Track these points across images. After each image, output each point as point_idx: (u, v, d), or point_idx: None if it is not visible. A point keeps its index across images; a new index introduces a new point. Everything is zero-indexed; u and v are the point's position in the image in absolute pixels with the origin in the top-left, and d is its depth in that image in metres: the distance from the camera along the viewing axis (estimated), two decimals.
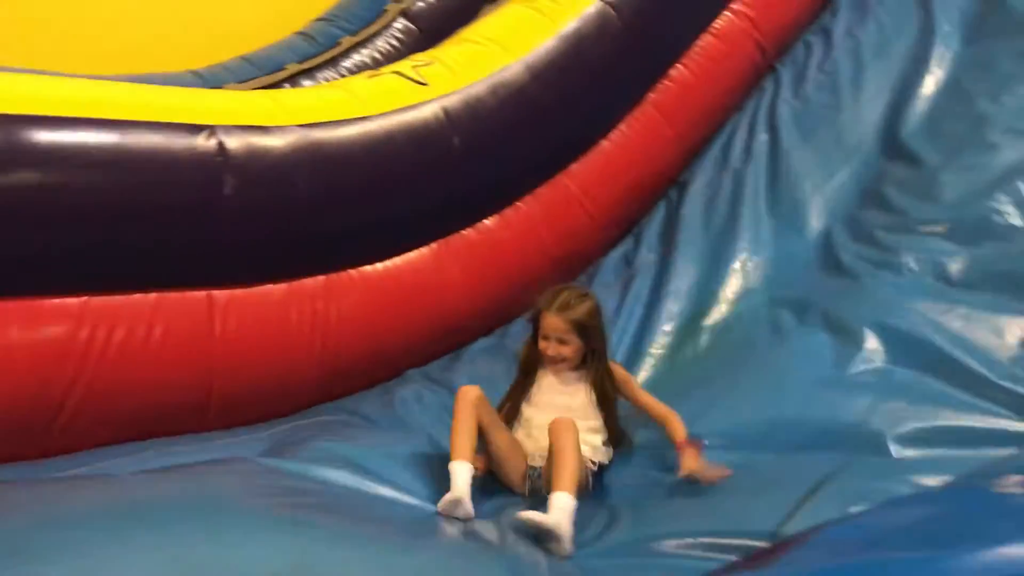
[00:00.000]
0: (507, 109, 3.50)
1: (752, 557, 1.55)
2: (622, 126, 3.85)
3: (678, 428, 2.74)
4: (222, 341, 2.89)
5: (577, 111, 3.68)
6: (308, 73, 4.15)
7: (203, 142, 2.81)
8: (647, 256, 3.69)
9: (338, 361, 3.17)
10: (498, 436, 2.74)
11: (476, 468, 2.62)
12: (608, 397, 2.84)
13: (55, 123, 2.60)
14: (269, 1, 4.59)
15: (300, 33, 4.43)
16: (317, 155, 3.05)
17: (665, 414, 2.80)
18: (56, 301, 2.61)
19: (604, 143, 3.80)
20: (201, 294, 2.87)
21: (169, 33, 4.30)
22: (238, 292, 2.94)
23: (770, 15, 4.23)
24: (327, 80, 4.19)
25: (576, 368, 2.87)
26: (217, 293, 2.90)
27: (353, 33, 4.37)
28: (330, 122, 3.13)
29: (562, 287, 2.92)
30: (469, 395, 2.69)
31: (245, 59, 4.19)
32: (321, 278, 3.13)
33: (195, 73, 4.00)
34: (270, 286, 3.03)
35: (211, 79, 3.94)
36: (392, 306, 3.29)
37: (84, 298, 2.65)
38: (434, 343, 3.42)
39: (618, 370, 2.94)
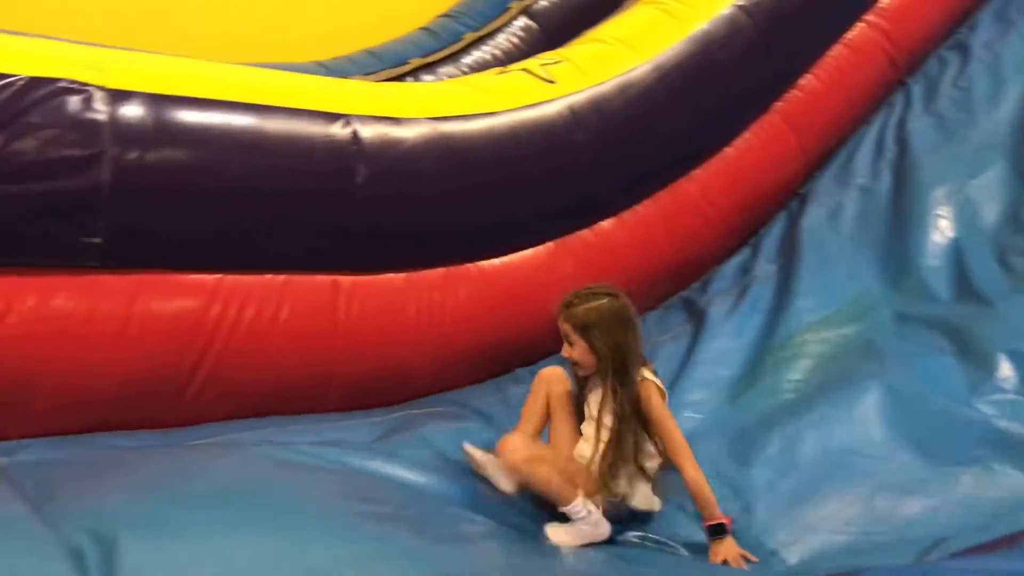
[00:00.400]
0: (633, 110, 3.48)
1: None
2: (747, 133, 3.79)
3: (709, 500, 2.39)
4: (344, 325, 2.93)
5: (703, 116, 3.63)
6: (429, 68, 4.18)
7: (339, 130, 2.86)
8: (766, 266, 3.61)
9: (451, 353, 3.18)
10: (558, 423, 2.64)
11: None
12: (623, 416, 2.49)
13: (202, 104, 2.67)
14: None
15: (424, 28, 4.48)
16: (445, 148, 3.07)
17: (694, 479, 2.41)
18: (193, 277, 2.68)
19: (728, 150, 3.74)
20: (327, 278, 2.91)
21: (298, 25, 4.39)
22: (362, 279, 2.98)
23: (905, 28, 4.10)
24: (447, 75, 4.22)
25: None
26: (342, 278, 2.94)
27: (475, 30, 4.40)
28: (459, 116, 3.15)
29: (588, 286, 2.64)
30: (545, 373, 2.66)
31: (370, 52, 4.25)
32: (441, 270, 3.15)
33: (321, 64, 4.08)
34: (392, 275, 3.06)
35: (336, 71, 4.00)
36: (506, 302, 3.29)
37: (219, 276, 2.72)
38: (545, 342, 3.40)
39: (647, 390, 2.50)
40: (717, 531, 2.37)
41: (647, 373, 2.55)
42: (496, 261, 3.27)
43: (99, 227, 2.49)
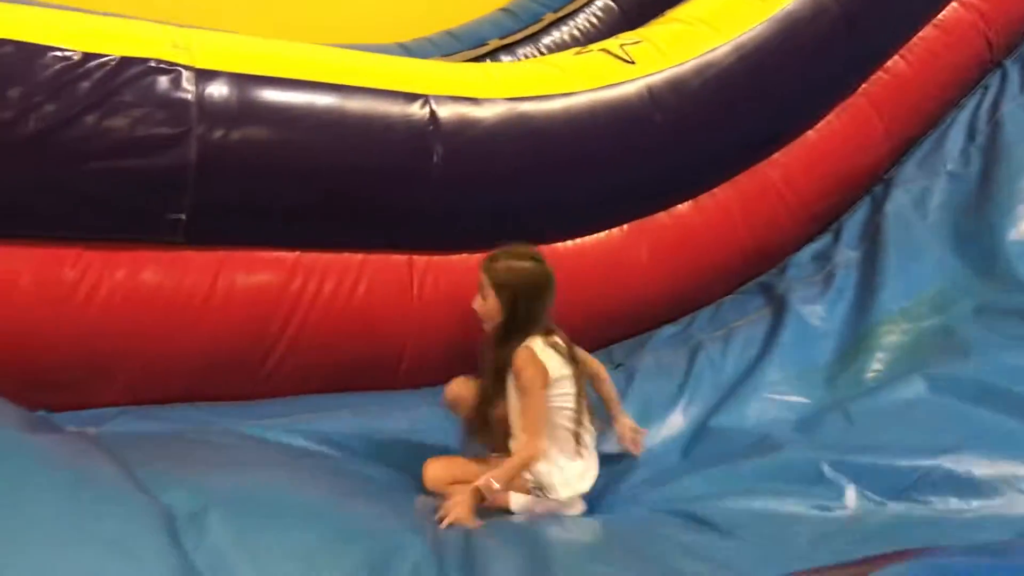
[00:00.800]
0: (712, 91, 3.42)
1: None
2: (830, 116, 3.70)
3: (508, 472, 2.41)
4: (418, 304, 2.97)
5: (785, 98, 3.55)
6: (508, 48, 4.18)
7: (417, 110, 2.88)
8: (848, 253, 3.53)
9: None
10: None
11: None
12: (491, 375, 2.52)
13: (284, 84, 2.72)
14: None
15: (503, 9, 4.48)
16: (522, 128, 3.07)
17: (522, 450, 2.45)
18: (274, 253, 2.75)
19: (810, 133, 3.66)
20: (403, 257, 2.95)
21: (380, 7, 4.43)
22: (436, 258, 3.02)
23: (1003, 7, 3.95)
24: (526, 56, 4.21)
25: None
26: (417, 257, 2.98)
27: (555, 10, 4.38)
28: (537, 96, 3.14)
29: (517, 246, 2.64)
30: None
31: (450, 33, 4.27)
32: None
33: (402, 46, 4.11)
34: (466, 255, 3.08)
35: (418, 52, 4.03)
36: (579, 284, 3.27)
37: (298, 252, 2.78)
38: (617, 326, 3.39)
39: (522, 358, 2.48)
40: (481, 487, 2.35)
41: (537, 343, 2.52)
42: (569, 243, 3.26)
43: (185, 203, 2.57)
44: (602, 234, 3.33)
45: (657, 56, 3.40)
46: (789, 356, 3.16)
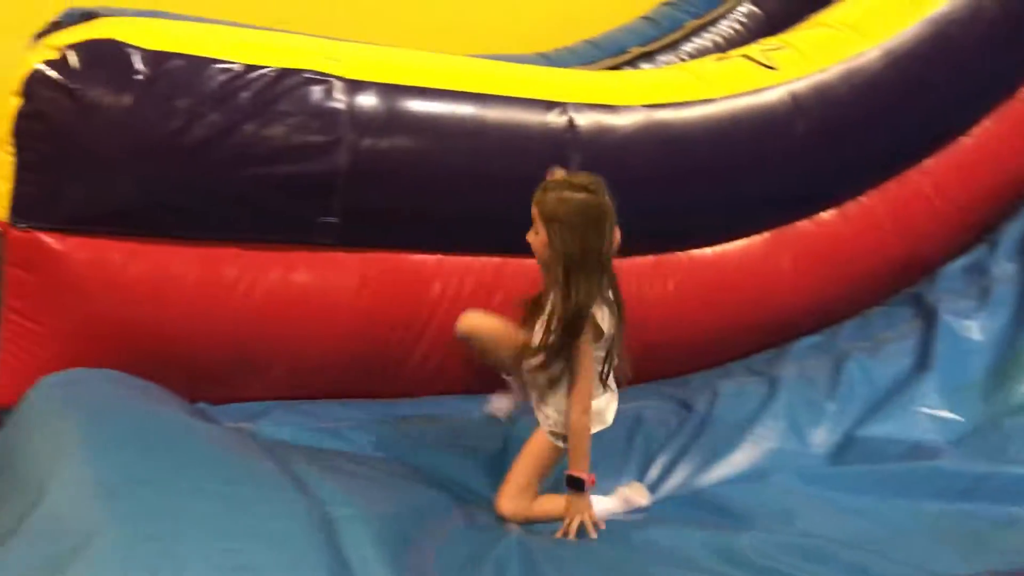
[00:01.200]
0: (859, 97, 3.33)
1: None
2: (987, 121, 3.54)
3: (580, 449, 2.33)
4: None
5: (937, 103, 3.42)
6: (649, 56, 4.19)
7: (555, 118, 2.93)
8: (1006, 266, 3.36)
9: (658, 342, 3.17)
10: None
11: None
12: (558, 328, 2.30)
13: (428, 94, 2.82)
14: None
15: (645, 17, 4.49)
16: (661, 135, 3.07)
17: (577, 422, 2.33)
18: (417, 256, 2.84)
19: (965, 139, 3.51)
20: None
21: (520, 17, 4.51)
22: None
23: None
24: (667, 63, 4.21)
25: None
26: None
27: (697, 17, 4.35)
28: (675, 103, 3.14)
29: (575, 175, 2.42)
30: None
31: (590, 42, 4.31)
32: (651, 258, 3.16)
33: (542, 55, 4.18)
34: None
35: (557, 61, 4.09)
36: (718, 293, 3.25)
37: (439, 256, 2.86)
38: (758, 336, 3.34)
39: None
40: (574, 484, 2.32)
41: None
42: (708, 251, 3.24)
43: (335, 208, 2.69)
44: (743, 242, 3.29)
45: (801, 62, 3.33)
46: (941, 371, 3.03)
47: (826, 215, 3.40)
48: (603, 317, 2.36)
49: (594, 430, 2.40)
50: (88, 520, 1.45)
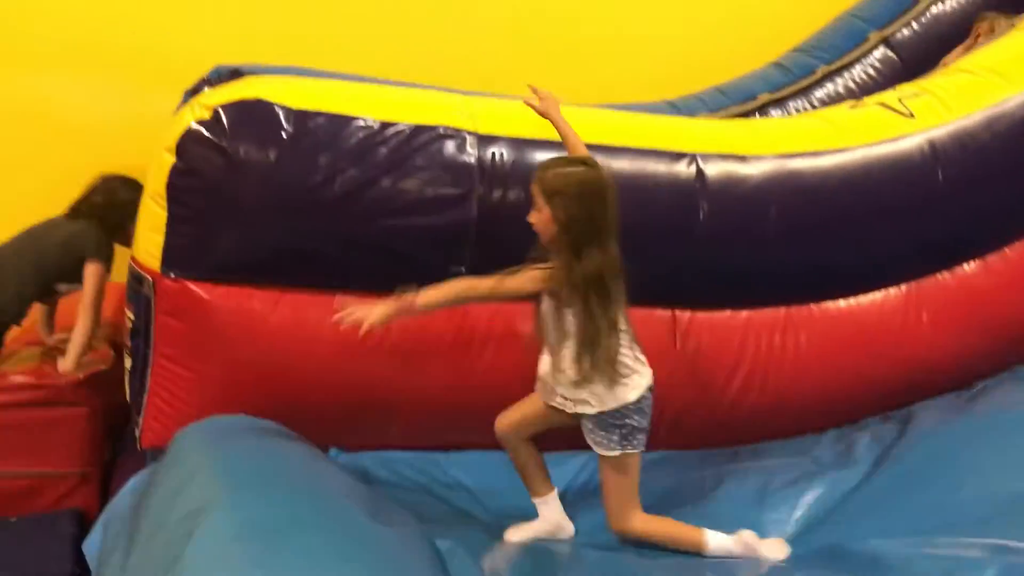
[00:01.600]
0: (1004, 145, 3.20)
1: None
2: None
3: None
4: (680, 359, 2.97)
5: None
6: (780, 103, 4.13)
7: (683, 168, 2.92)
8: None
9: (790, 396, 3.10)
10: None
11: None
12: (583, 295, 2.30)
13: (556, 146, 2.84)
14: (745, 32, 4.64)
15: (774, 63, 4.43)
16: (792, 185, 3.02)
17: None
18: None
19: None
20: (666, 312, 2.98)
21: (647, 65, 4.53)
22: (700, 314, 3.02)
23: None
24: (798, 110, 4.14)
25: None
26: (681, 313, 2.99)
27: (829, 63, 4.27)
28: (807, 152, 3.08)
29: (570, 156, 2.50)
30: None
31: (718, 89, 4.28)
32: (782, 309, 3.10)
33: (670, 103, 4.18)
34: (731, 312, 3.06)
35: (685, 108, 4.08)
36: (852, 347, 3.14)
37: None
38: (895, 391, 3.21)
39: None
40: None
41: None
42: (842, 303, 3.15)
43: (466, 257, 2.75)
44: (879, 294, 3.18)
45: (939, 109, 3.23)
46: None
47: (968, 267, 3.26)
48: (615, 289, 2.37)
49: (637, 395, 2.44)
50: (236, 568, 1.51)
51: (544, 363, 2.48)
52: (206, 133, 2.55)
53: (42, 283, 3.05)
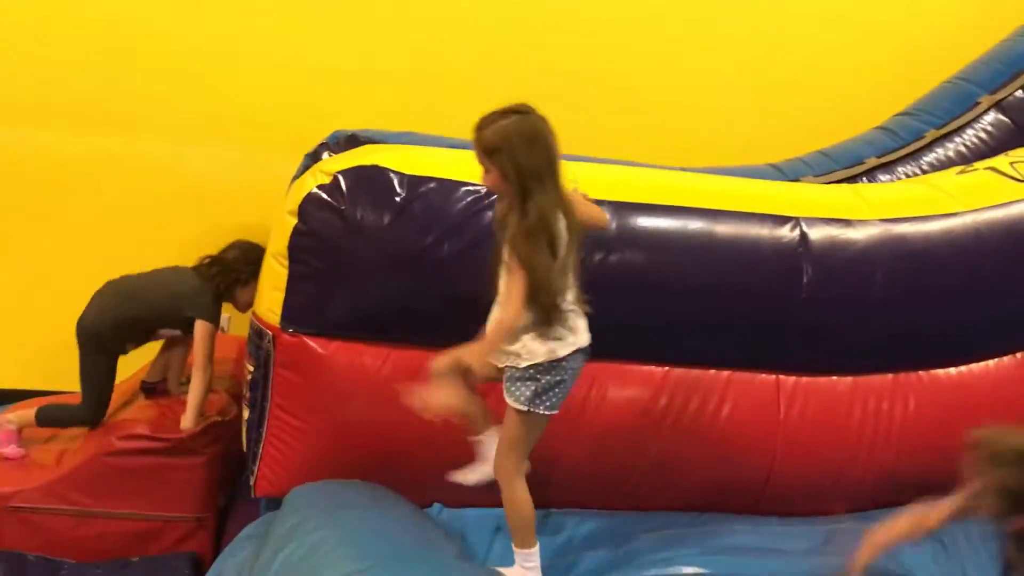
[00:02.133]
0: None
1: None
2: None
3: (491, 341, 2.33)
4: (784, 426, 2.96)
5: None
6: (887, 167, 4.07)
7: (787, 232, 2.93)
8: None
9: (896, 466, 3.04)
10: None
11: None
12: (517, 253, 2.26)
13: (657, 210, 2.91)
14: (849, 96, 4.62)
15: (881, 127, 4.39)
16: (899, 250, 3.00)
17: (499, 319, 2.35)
18: (644, 367, 2.90)
19: None
20: (770, 377, 2.97)
21: (751, 129, 4.55)
22: (805, 379, 3.00)
23: None
24: (906, 175, 4.08)
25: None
26: (785, 378, 2.98)
27: (938, 127, 4.21)
28: (915, 217, 3.06)
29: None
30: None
31: (823, 153, 4.25)
32: (889, 376, 3.05)
33: (774, 166, 4.17)
34: (836, 378, 3.03)
35: (790, 172, 4.06)
36: (963, 416, 3.04)
37: (666, 368, 2.91)
38: None
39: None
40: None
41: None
42: (953, 371, 3.08)
43: None
44: (990, 363, 3.11)
45: None
46: None
47: None
48: (561, 229, 2.34)
49: (568, 351, 2.40)
50: None
51: (491, 317, 2.45)
52: (326, 197, 2.70)
53: (142, 319, 3.21)
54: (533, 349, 2.38)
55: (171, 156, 3.96)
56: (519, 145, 2.29)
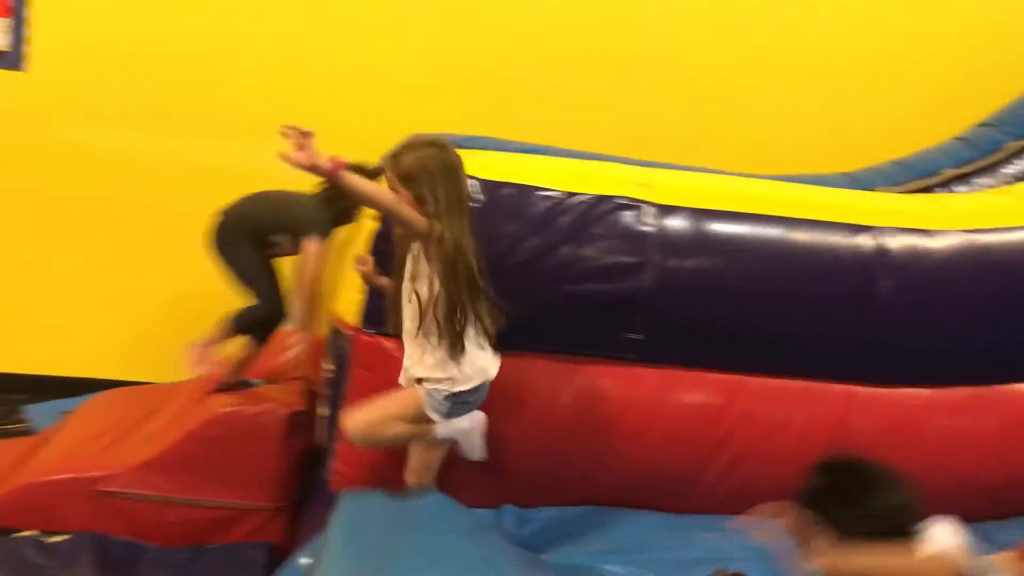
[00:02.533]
0: None
1: None
2: None
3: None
4: (856, 437, 2.91)
5: None
6: (964, 179, 4.00)
7: (864, 241, 2.91)
8: None
9: (975, 481, 2.98)
10: None
11: None
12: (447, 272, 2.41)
13: (733, 217, 2.91)
14: (927, 105, 4.55)
15: (958, 138, 4.32)
16: (980, 261, 2.95)
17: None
18: (716, 375, 2.90)
19: None
20: (842, 387, 2.95)
21: (825, 135, 4.51)
22: (879, 391, 2.96)
23: None
24: (985, 186, 4.01)
25: None
26: (859, 389, 2.95)
27: (1019, 138, 4.12)
28: (997, 228, 3.01)
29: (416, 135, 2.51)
30: None
31: (898, 163, 4.20)
32: (968, 390, 3.00)
33: (848, 175, 4.13)
34: (911, 390, 2.99)
35: (864, 181, 4.02)
36: None
37: (739, 376, 2.90)
38: None
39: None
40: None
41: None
42: None
43: (640, 324, 2.83)
44: None
45: None
46: None
47: None
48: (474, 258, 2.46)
49: (477, 382, 2.54)
50: None
51: (411, 351, 2.57)
52: None
53: (260, 228, 3.29)
54: (455, 378, 2.52)
55: (244, 156, 4.06)
56: (438, 175, 2.43)
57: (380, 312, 2.80)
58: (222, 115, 4.22)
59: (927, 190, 3.89)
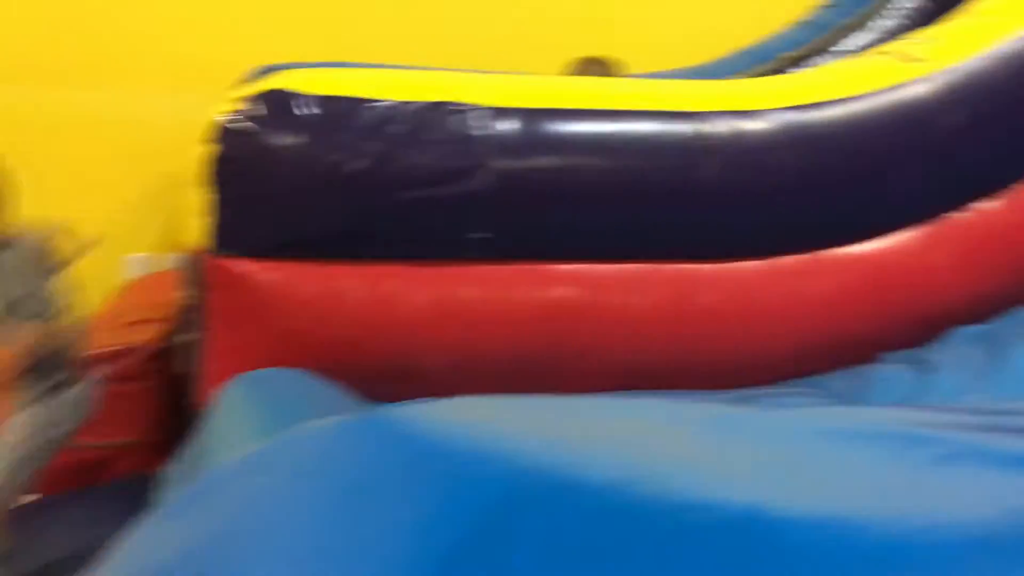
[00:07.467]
0: (1019, 80, 3.24)
1: None
2: None
3: None
4: (702, 311, 3.11)
5: None
6: (799, 61, 4.18)
7: (685, 127, 3.05)
8: None
9: (810, 341, 3.21)
10: None
11: None
12: None
13: (561, 115, 3.03)
14: None
15: (801, 22, 4.48)
16: (799, 136, 3.12)
17: None
18: (561, 266, 3.05)
19: None
20: (684, 266, 3.12)
21: (665, 33, 4.63)
22: (719, 266, 3.14)
23: None
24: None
25: None
26: (701, 266, 3.12)
27: (855, 17, 4.30)
28: (814, 104, 3.18)
29: None
30: None
31: (741, 52, 4.36)
32: (800, 256, 3.20)
33: (692, 68, 4.28)
34: (749, 263, 3.18)
35: (709, 72, 4.18)
36: (870, 290, 3.23)
37: (582, 265, 3.06)
38: (914, 332, 3.28)
39: None
40: None
41: None
42: (857, 248, 3.23)
43: (483, 225, 2.95)
44: (894, 237, 3.26)
45: (950, 51, 3.28)
46: None
47: (990, 204, 3.31)
48: None
49: None
50: None
51: None
52: (239, 123, 2.82)
53: None
54: None
55: (118, 105, 4.04)
56: None
57: (228, 233, 2.87)
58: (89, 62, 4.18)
59: (764, 75, 4.06)
